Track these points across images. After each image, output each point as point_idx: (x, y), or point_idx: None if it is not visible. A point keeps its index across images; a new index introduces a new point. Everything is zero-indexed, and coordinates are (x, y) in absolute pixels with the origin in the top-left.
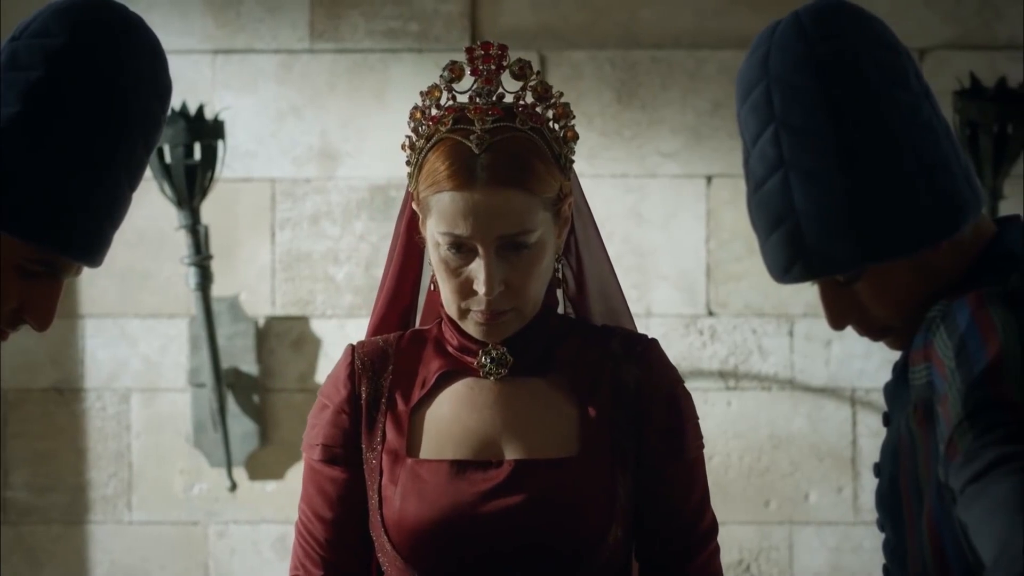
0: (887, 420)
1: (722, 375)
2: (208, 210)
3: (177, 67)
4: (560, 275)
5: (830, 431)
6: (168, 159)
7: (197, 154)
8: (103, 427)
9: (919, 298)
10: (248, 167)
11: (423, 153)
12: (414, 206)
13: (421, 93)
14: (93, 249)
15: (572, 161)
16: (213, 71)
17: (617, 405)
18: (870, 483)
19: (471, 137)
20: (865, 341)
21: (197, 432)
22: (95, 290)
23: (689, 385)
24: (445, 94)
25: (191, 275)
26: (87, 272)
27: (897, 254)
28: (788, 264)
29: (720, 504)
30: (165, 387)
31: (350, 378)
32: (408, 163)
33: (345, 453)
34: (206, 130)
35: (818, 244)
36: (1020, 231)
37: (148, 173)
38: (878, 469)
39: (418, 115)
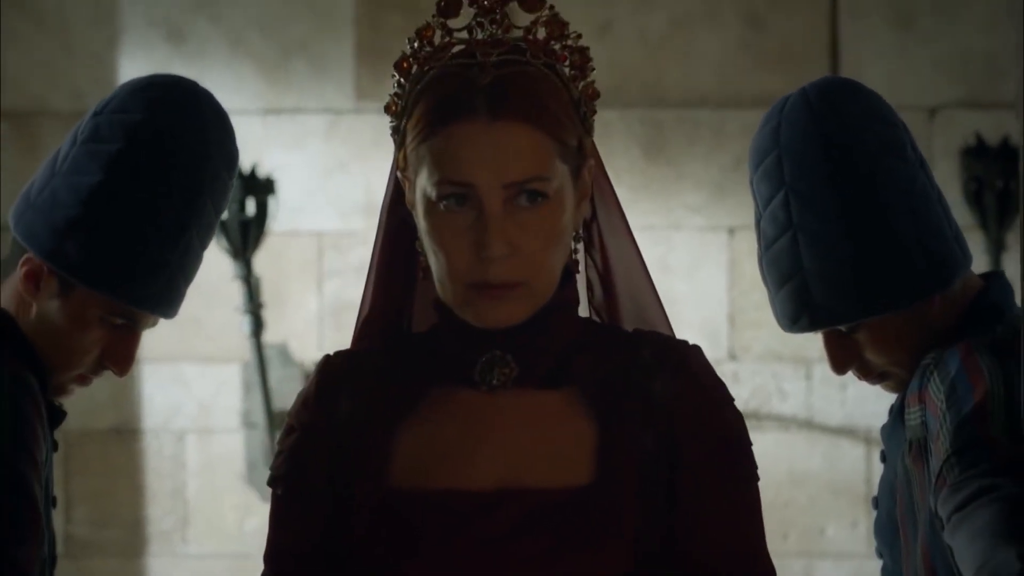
0: (884, 458)
1: (744, 417)
2: (260, 262)
3: None
4: (581, 269)
5: (845, 468)
6: (224, 214)
7: (250, 210)
8: (159, 466)
9: (914, 346)
10: (296, 221)
11: (413, 97)
12: (399, 175)
13: (409, 38)
14: (169, 303)
15: (593, 114)
16: (264, 130)
17: (646, 425)
18: None
19: (473, 69)
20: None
21: (250, 470)
22: (153, 336)
23: None
24: (439, 32)
25: (245, 323)
26: None
27: (894, 308)
28: (796, 316)
29: None
30: (219, 428)
31: (322, 395)
32: (393, 121)
33: (317, 484)
34: (259, 187)
35: (823, 298)
36: (1003, 285)
37: None
38: (876, 502)
39: (405, 64)
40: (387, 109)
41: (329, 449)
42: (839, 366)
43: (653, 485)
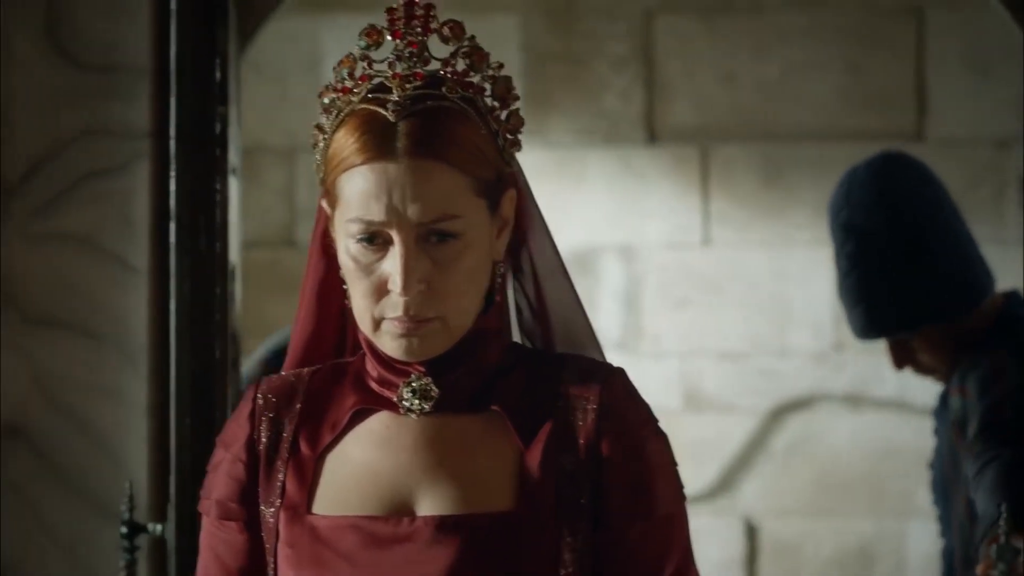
0: (936, 432)
1: (846, 399)
2: None
3: None
4: (509, 293)
5: (932, 444)
6: None
7: None
8: None
9: (954, 349)
10: None
11: (332, 132)
12: (323, 204)
13: (333, 68)
14: None
15: (515, 147)
16: None
17: (568, 449)
18: None
19: (387, 106)
20: None
21: None
22: None
23: (819, 408)
24: (360, 64)
25: None
26: None
27: (939, 321)
28: (867, 328)
29: (843, 501)
30: None
31: (249, 420)
32: (315, 148)
33: (242, 510)
34: None
35: (886, 315)
36: (1020, 301)
37: None
38: (931, 465)
39: (327, 92)
40: (312, 142)
41: (253, 475)
42: (899, 364)
43: (575, 509)
